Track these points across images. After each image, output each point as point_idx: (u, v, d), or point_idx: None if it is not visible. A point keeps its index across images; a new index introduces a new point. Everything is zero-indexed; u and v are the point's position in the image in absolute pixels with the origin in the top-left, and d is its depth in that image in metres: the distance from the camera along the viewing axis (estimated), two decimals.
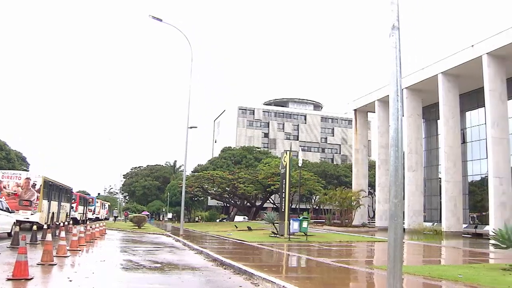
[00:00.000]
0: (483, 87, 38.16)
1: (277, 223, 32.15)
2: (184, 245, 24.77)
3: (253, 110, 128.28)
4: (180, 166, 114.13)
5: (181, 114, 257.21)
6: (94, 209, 62.51)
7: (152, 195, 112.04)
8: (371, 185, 68.21)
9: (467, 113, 49.01)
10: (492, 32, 38.62)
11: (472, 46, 40.01)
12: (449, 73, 43.06)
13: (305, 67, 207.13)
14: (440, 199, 43.05)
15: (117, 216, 72.94)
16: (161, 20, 33.27)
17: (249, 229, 39.06)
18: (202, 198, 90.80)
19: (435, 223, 46.55)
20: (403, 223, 45.05)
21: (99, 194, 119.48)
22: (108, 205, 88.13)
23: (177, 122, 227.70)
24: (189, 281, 11.59)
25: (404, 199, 47.41)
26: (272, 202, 71.68)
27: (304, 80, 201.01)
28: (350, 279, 13.62)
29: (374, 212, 64.02)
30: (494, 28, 38.19)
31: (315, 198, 76.05)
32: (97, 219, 62.87)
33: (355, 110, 60.66)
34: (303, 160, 59.96)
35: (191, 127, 39.38)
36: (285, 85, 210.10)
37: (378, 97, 53.95)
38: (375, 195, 60.60)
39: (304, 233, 29.57)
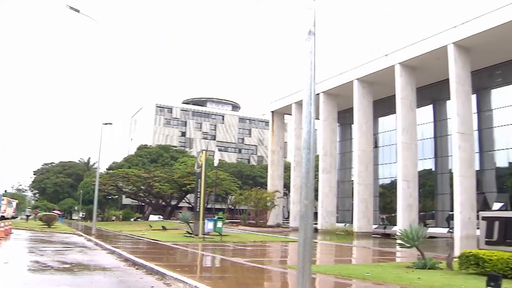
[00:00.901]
0: (395, 94, 39.90)
1: (192, 222, 32.00)
2: (96, 244, 24.11)
3: (171, 109, 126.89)
4: (94, 163, 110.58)
5: (97, 110, 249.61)
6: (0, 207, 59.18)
7: (64, 192, 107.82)
8: (286, 186, 69.40)
9: (380, 119, 51.11)
10: (405, 43, 40.50)
11: (386, 55, 41.81)
12: (364, 80, 44.73)
13: (225, 68, 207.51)
14: (352, 200, 44.52)
15: (30, 215, 69.27)
16: (78, 11, 32.20)
17: (164, 228, 38.63)
18: (116, 196, 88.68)
19: (347, 224, 48.08)
20: (317, 224, 46.32)
21: (5, 191, 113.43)
22: (16, 203, 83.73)
23: (93, 118, 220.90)
24: (100, 282, 11.30)
25: (317, 200, 48.70)
26: (187, 201, 71.26)
27: (223, 80, 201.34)
28: (264, 278, 13.79)
29: (288, 212, 65.18)
30: (407, 39, 39.97)
31: (231, 198, 76.34)
32: (3, 218, 59.64)
33: (272, 112, 61.40)
34: (219, 160, 59.98)
35: (106, 124, 38.38)
36: (204, 85, 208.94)
37: (295, 100, 54.89)
38: (290, 196, 61.69)
39: (219, 233, 29.65)
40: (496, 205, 38.06)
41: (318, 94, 48.42)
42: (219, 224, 30.03)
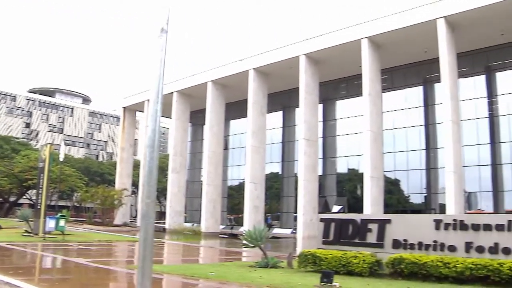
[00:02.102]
0: (248, 99, 40.97)
1: (31, 221, 29.91)
2: None
3: (15, 97, 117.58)
4: None
5: None
6: None
7: None
8: (135, 184, 67.89)
9: (232, 122, 52.22)
10: (260, 50, 41.83)
11: (241, 60, 42.78)
12: (218, 82, 45.31)
13: (76, 58, 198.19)
14: (201, 201, 44.79)
15: None
16: None
17: None
18: None
19: (195, 224, 48.26)
20: (165, 223, 45.90)
21: None
22: None
23: None
24: None
25: (166, 200, 48.31)
26: (29, 198, 66.70)
27: (74, 71, 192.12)
28: (107, 279, 13.35)
29: (137, 211, 63.85)
30: (262, 46, 41.44)
31: (77, 195, 72.88)
32: None
33: (124, 108, 59.62)
34: (66, 155, 57.03)
35: None
36: (53, 74, 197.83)
37: (148, 97, 53.90)
38: (138, 194, 60.47)
39: (62, 232, 28.13)
40: (336, 208, 40.88)
41: (172, 93, 48.13)
42: (62, 222, 28.48)
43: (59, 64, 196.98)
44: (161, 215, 64.14)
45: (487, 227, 13.00)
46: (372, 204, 31.19)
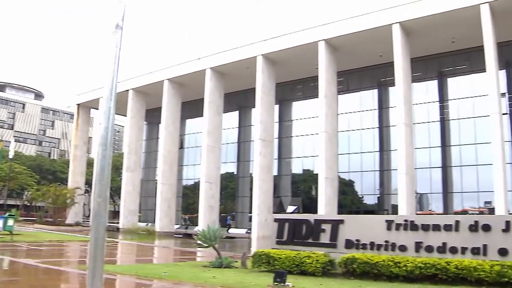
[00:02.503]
0: (204, 98, 40.79)
1: None
2: None
3: None
4: None
5: None
6: None
7: None
8: (89, 183, 66.67)
9: (188, 121, 51.91)
10: (218, 49, 41.76)
11: (199, 59, 42.56)
12: (175, 80, 44.92)
13: (29, 53, 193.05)
14: (156, 200, 44.34)
15: None
16: None
17: None
18: None
19: (150, 224, 47.75)
20: (119, 223, 45.21)
21: None
22: None
23: None
24: None
25: (120, 199, 47.63)
26: None
27: (27, 66, 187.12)
28: (57, 280, 13.08)
29: (90, 210, 62.61)
30: (220, 45, 41.38)
31: (27, 194, 70.97)
32: None
33: (78, 104, 58.31)
34: (16, 152, 55.49)
35: None
36: (4, 68, 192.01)
37: (102, 94, 52.87)
38: (92, 193, 59.29)
39: (10, 232, 27.35)
40: (290, 208, 41.21)
41: (127, 90, 47.46)
42: (10, 222, 27.72)
43: (10, 58, 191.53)
44: (115, 214, 63.21)
45: (436, 228, 13.39)
46: (326, 205, 31.58)
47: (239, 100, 47.07)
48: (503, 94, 31.94)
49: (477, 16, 28.19)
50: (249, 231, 38.89)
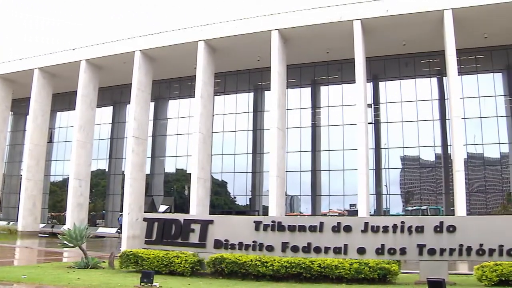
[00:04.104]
0: (77, 91, 39.10)
1: None
2: None
3: None
4: None
5: None
6: None
7: None
8: None
9: (59, 113, 49.39)
10: (95, 41, 40.22)
11: (74, 49, 40.63)
12: (46, 70, 42.43)
13: None
14: (19, 197, 41.72)
15: None
16: None
17: None
18: None
19: (12, 223, 44.77)
20: None
21: None
22: None
23: None
24: None
25: None
26: None
27: None
28: None
29: None
30: (98, 37, 39.79)
31: None
32: None
33: None
34: None
35: None
36: None
37: None
38: None
39: None
40: (162, 207, 40.90)
41: None
42: None
43: None
44: None
45: (302, 228, 14.05)
46: (198, 205, 31.78)
47: (114, 95, 45.82)
48: (369, 105, 34.41)
49: (350, 31, 30.16)
50: (120, 230, 37.99)
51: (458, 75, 29.50)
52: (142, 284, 11.25)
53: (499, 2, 27.64)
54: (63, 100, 46.82)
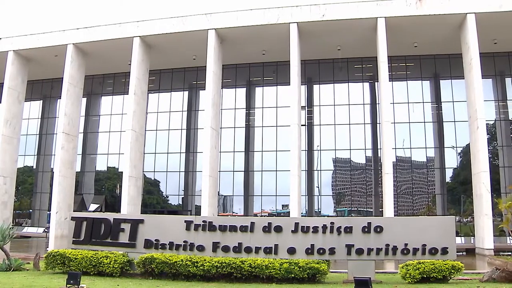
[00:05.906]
0: (4, 83, 37.44)
1: None
2: None
3: None
4: None
5: None
6: None
7: None
8: None
9: None
10: (23, 32, 38.62)
11: (0, 38, 38.85)
12: None
13: None
14: None
15: None
16: None
17: None
18: None
19: None
20: None
21: None
22: None
23: None
24: None
25: None
26: None
27: None
28: None
29: None
30: (27, 27, 38.18)
31: None
32: None
33: None
34: None
35: None
36: None
37: None
38: None
39: None
40: (93, 206, 39.88)
41: None
42: None
43: None
44: None
45: (233, 228, 14.11)
46: (129, 204, 31.22)
47: (44, 89, 44.18)
48: (303, 107, 34.98)
49: (287, 34, 30.60)
50: (47, 230, 36.69)
51: (389, 81, 30.52)
52: (68, 286, 10.91)
53: (429, 14, 29.01)
54: None
